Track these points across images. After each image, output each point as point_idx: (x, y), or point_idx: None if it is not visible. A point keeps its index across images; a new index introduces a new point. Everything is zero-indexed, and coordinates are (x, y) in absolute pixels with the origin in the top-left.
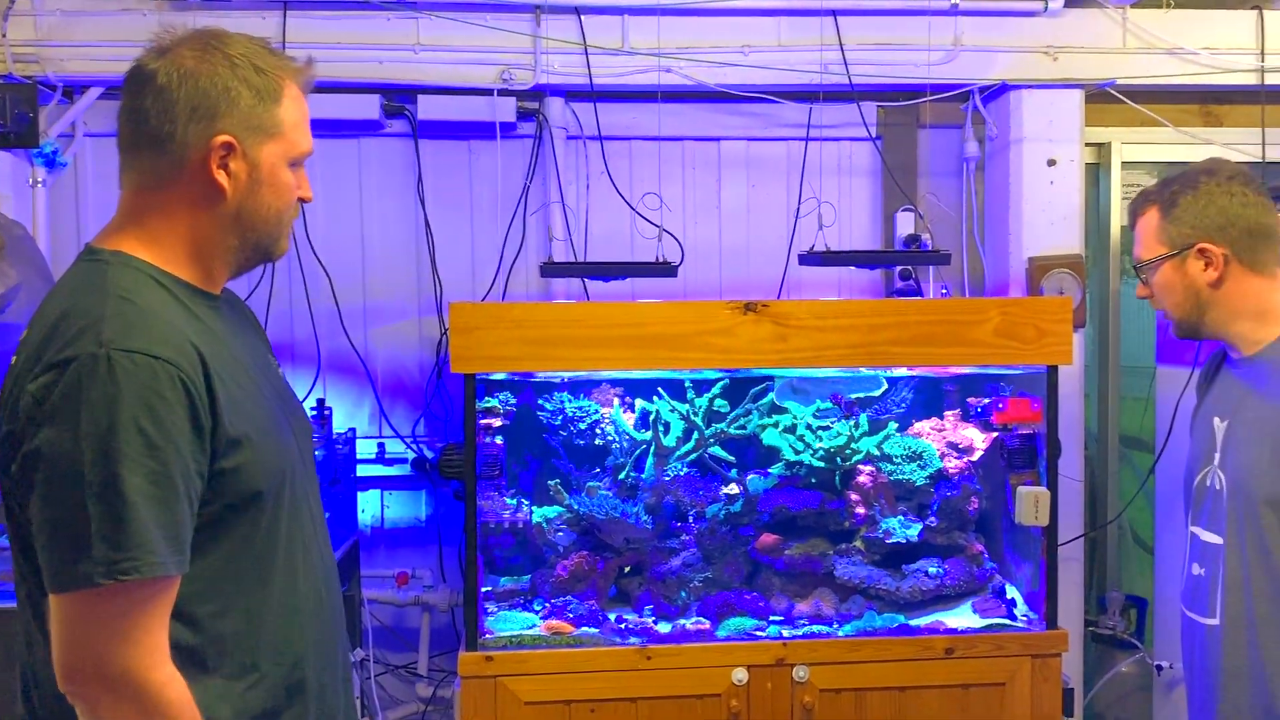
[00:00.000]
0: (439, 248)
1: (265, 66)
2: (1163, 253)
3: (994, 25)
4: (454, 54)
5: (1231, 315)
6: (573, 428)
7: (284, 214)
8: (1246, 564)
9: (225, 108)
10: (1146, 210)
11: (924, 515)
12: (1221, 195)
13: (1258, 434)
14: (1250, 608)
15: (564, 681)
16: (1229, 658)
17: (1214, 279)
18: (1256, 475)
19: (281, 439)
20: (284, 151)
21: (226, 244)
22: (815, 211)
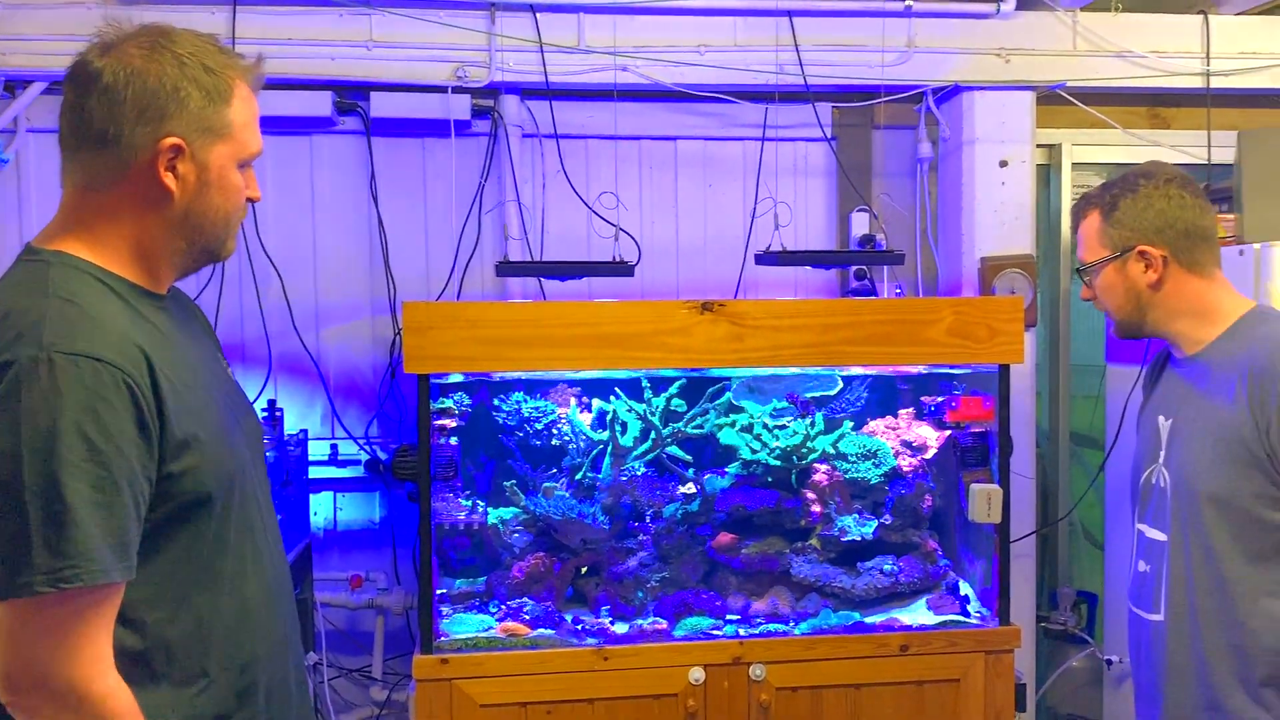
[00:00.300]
0: (392, 247)
1: (215, 66)
2: (1104, 255)
3: (947, 27)
4: (408, 50)
5: (1172, 315)
6: (529, 428)
7: (232, 216)
8: (1190, 561)
9: (174, 109)
10: (1088, 214)
11: (879, 513)
12: (1160, 198)
13: (1199, 432)
14: (1193, 604)
15: (520, 683)
16: (1173, 653)
17: (1154, 280)
18: (1199, 473)
19: (231, 440)
20: (233, 153)
21: (173, 246)
22: (772, 211)
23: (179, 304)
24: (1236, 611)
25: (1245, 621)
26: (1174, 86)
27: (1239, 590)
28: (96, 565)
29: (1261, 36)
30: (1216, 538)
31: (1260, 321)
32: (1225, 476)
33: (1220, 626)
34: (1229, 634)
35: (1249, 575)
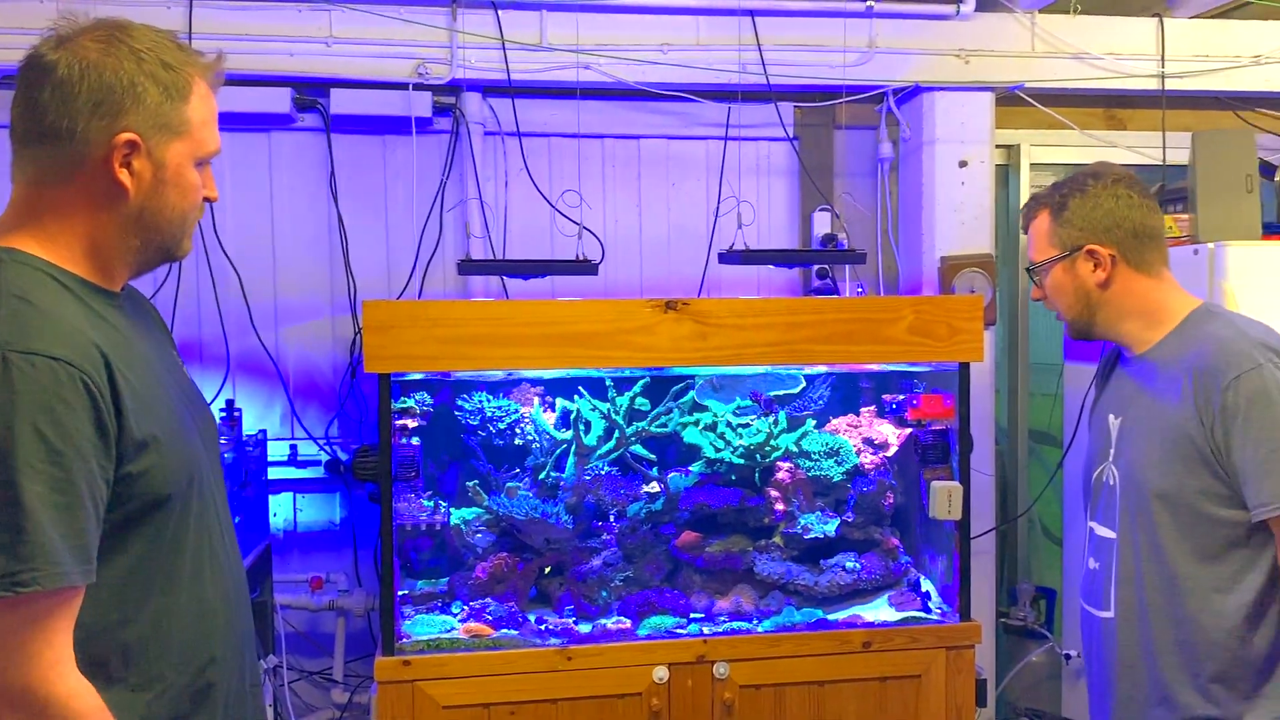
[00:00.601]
0: (353, 245)
1: (173, 62)
2: (1053, 255)
3: (908, 28)
4: (368, 47)
5: (1121, 315)
6: (492, 428)
7: (189, 215)
8: (1139, 558)
9: (130, 104)
10: (1038, 214)
11: (841, 511)
12: (1108, 198)
13: (1147, 430)
14: (1142, 600)
15: (483, 684)
16: (1124, 649)
17: (1102, 279)
18: (1146, 470)
19: (188, 440)
20: (191, 151)
21: (128, 244)
22: (735, 210)
23: (134, 302)
24: (1185, 608)
25: (1193, 617)
26: (1130, 88)
27: (1187, 586)
28: (56, 568)
29: (1214, 39)
30: (1165, 535)
31: (1205, 320)
32: (1173, 474)
33: (1169, 623)
34: (1177, 630)
35: (1196, 572)
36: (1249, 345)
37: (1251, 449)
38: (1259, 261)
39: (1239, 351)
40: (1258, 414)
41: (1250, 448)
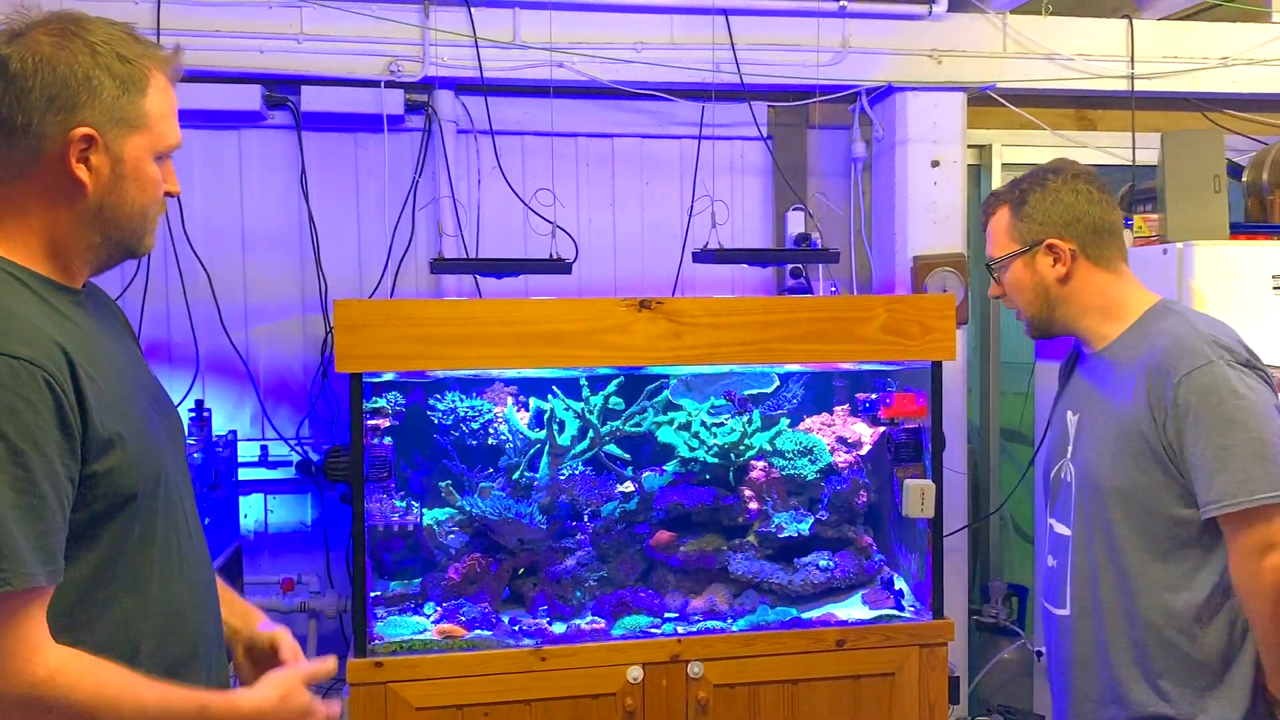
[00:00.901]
0: (324, 244)
1: (129, 55)
2: (1013, 250)
3: (880, 28)
4: (339, 44)
5: (1080, 311)
6: (465, 428)
7: (149, 210)
8: (1093, 555)
9: (86, 98)
10: (998, 209)
11: (815, 509)
12: (1068, 193)
13: (1103, 428)
14: (1097, 597)
15: (457, 686)
16: (1079, 647)
17: (1062, 274)
18: (1101, 467)
19: (154, 439)
20: (150, 145)
21: (87, 240)
22: (709, 210)
23: (96, 300)
24: (1137, 605)
25: (1145, 615)
26: (1100, 89)
27: (1139, 584)
28: (23, 569)
29: (1183, 41)
30: (1119, 532)
31: (1161, 317)
32: (1126, 471)
33: (1122, 620)
34: (1130, 628)
35: (1149, 570)
36: (1201, 342)
37: (1202, 446)
38: (1227, 261)
39: (1191, 348)
40: (1208, 411)
41: (1201, 444)
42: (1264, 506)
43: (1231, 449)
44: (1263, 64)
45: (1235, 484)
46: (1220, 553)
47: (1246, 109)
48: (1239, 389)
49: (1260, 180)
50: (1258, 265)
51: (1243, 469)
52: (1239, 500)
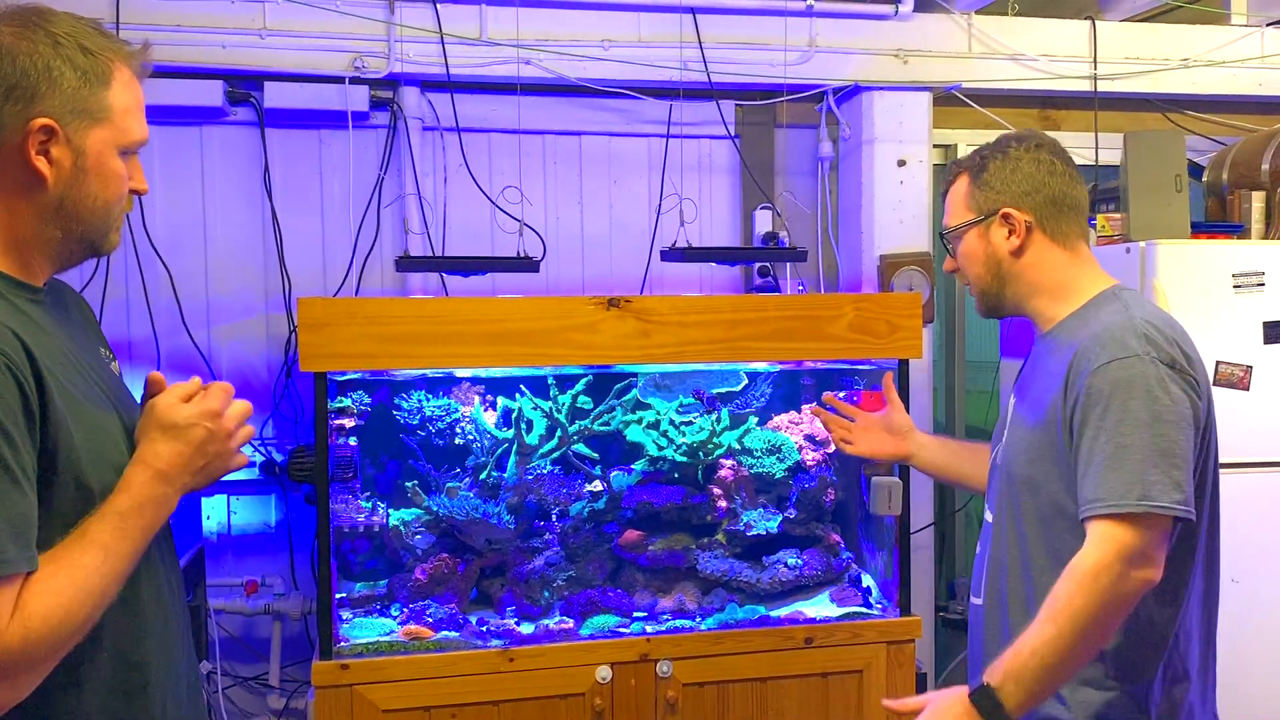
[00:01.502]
0: (287, 241)
1: (93, 47)
2: (968, 219)
3: (847, 28)
4: (303, 39)
5: (1031, 289)
6: (431, 427)
7: (113, 206)
8: (1005, 545)
9: (46, 88)
10: (958, 178)
11: (783, 507)
12: (1029, 162)
13: (1025, 416)
14: (1004, 589)
15: (424, 687)
16: (989, 640)
17: (1015, 247)
18: (1016, 457)
19: (115, 439)
20: (113, 139)
21: (48, 235)
22: (677, 208)
23: (58, 296)
24: (1037, 601)
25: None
26: (1064, 89)
27: (1041, 580)
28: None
29: (1144, 42)
30: (1027, 524)
31: (1106, 303)
32: (1039, 461)
33: (1024, 616)
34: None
35: (1048, 565)
36: (1131, 335)
37: (1102, 440)
38: (1189, 260)
39: (1118, 339)
40: (1117, 405)
41: (1101, 438)
42: (1150, 515)
43: (1132, 449)
44: (1222, 65)
45: (1126, 485)
46: None
47: (1206, 110)
48: (1155, 390)
49: (1220, 180)
50: (1219, 264)
51: (1140, 471)
52: (1125, 503)
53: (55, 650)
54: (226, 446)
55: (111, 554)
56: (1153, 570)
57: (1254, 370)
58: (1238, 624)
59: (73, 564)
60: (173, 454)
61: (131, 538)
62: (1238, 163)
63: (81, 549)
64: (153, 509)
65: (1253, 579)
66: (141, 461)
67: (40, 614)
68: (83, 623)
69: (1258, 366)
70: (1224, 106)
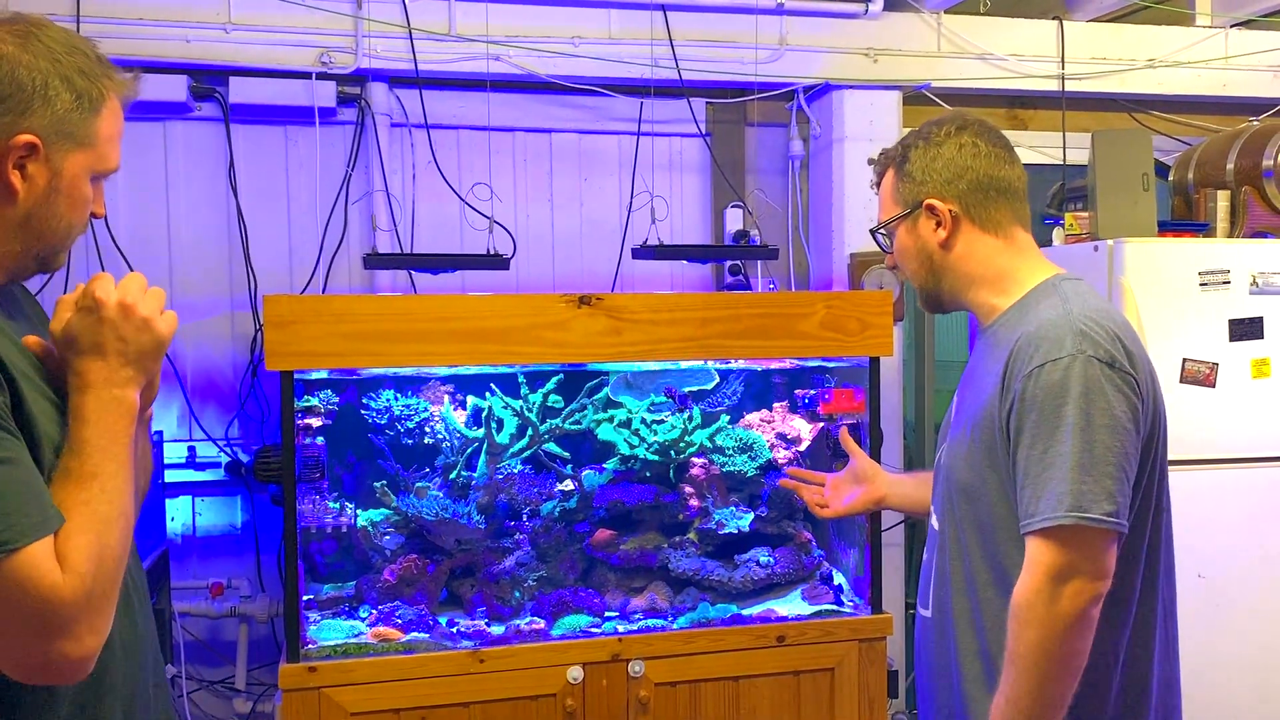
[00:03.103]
0: (253, 239)
1: (90, 71)
2: (896, 213)
3: (818, 26)
4: (269, 34)
5: (967, 282)
6: (400, 426)
7: (75, 228)
8: (948, 554)
9: (39, 105)
10: (885, 170)
11: (755, 505)
12: (951, 147)
13: (965, 415)
14: (949, 601)
15: (393, 689)
16: (938, 653)
17: (943, 239)
18: (954, 462)
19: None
20: (90, 164)
21: (7, 248)
22: (648, 205)
23: (11, 299)
24: (982, 615)
25: (988, 626)
26: (1031, 89)
27: (985, 595)
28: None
29: (1111, 42)
30: (968, 533)
31: (1045, 295)
32: (977, 466)
33: (969, 629)
34: (977, 637)
35: (991, 579)
36: (1067, 332)
37: (1035, 449)
38: (1156, 258)
39: (1053, 338)
40: (1050, 409)
41: (1037, 448)
42: (1078, 527)
43: (1062, 456)
44: (1187, 66)
45: (1057, 498)
46: None
47: (1171, 110)
48: (1090, 392)
49: (1186, 179)
50: (1185, 262)
51: (1069, 481)
52: (1055, 516)
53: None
54: (135, 317)
55: (105, 475)
56: (1096, 583)
57: (1219, 368)
58: (1203, 620)
59: (79, 502)
60: (90, 360)
61: (114, 453)
62: (1203, 162)
63: (76, 487)
64: (114, 418)
65: (1218, 576)
66: (75, 388)
67: (81, 557)
68: (118, 550)
69: (1223, 364)
70: (1189, 107)
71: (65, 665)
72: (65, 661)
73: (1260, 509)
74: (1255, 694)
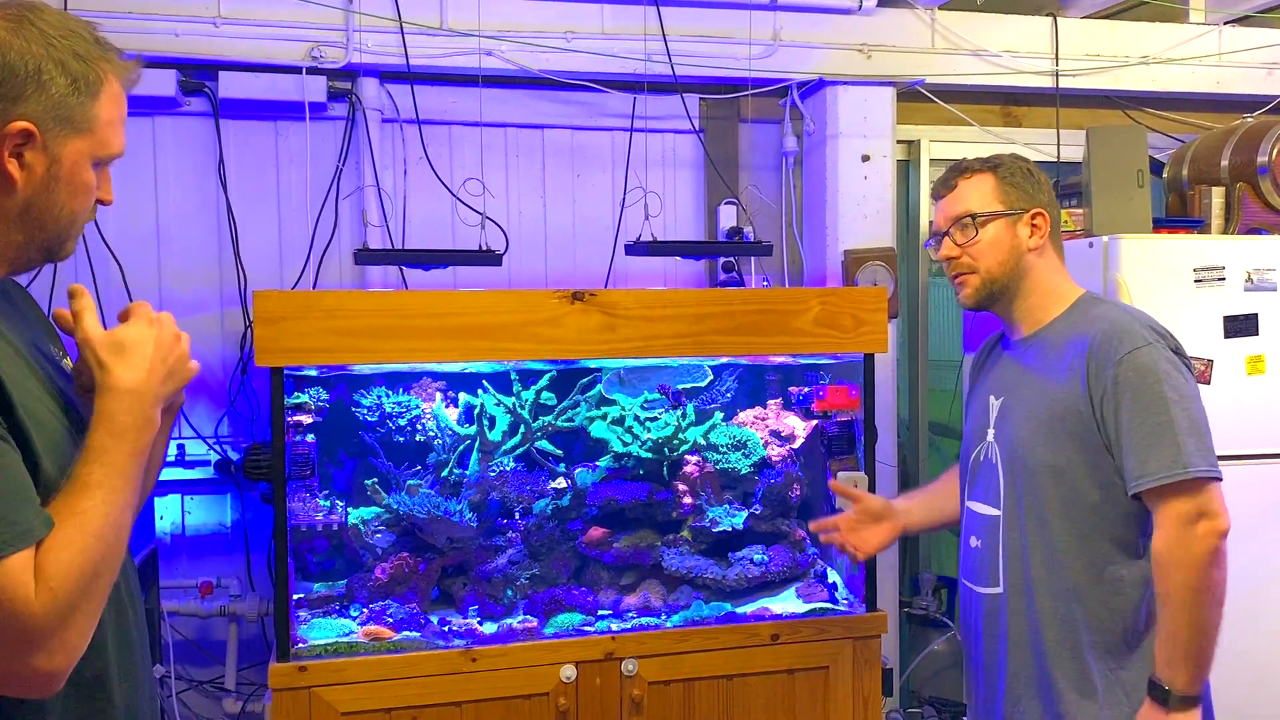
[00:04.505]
0: (243, 235)
1: (86, 54)
2: (999, 209)
3: (811, 21)
4: (259, 28)
5: (1031, 287)
6: (391, 424)
7: (79, 216)
8: (1024, 532)
9: (33, 90)
10: (976, 174)
11: (749, 503)
12: (1045, 180)
13: (1033, 408)
14: (1028, 575)
15: (384, 689)
16: (1012, 626)
17: (1038, 245)
18: (1034, 447)
19: (66, 440)
20: (90, 150)
21: (9, 239)
22: (641, 202)
23: (5, 295)
24: (1066, 581)
25: (1072, 591)
26: (1026, 86)
27: (1068, 560)
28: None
29: (1105, 39)
30: (1050, 510)
31: (1094, 304)
32: (1061, 449)
33: (1051, 596)
34: (1059, 604)
35: (1076, 546)
36: (1139, 326)
37: (1138, 422)
38: (1151, 254)
39: (1129, 330)
40: (1146, 389)
41: (1137, 420)
42: (1197, 479)
43: (1167, 425)
44: (1180, 63)
45: (1170, 458)
46: (1138, 535)
47: (1165, 108)
48: (1173, 371)
49: (1181, 176)
50: (1180, 258)
51: (1178, 444)
52: (1174, 473)
53: (87, 603)
54: (180, 348)
55: (109, 489)
56: (1217, 521)
57: (1214, 364)
58: None
59: (74, 511)
60: (134, 368)
61: (123, 467)
62: (1197, 159)
63: (79, 494)
64: (135, 432)
65: None
66: (108, 390)
67: (60, 572)
68: (102, 567)
69: (1218, 361)
70: (1182, 104)
71: (35, 679)
72: (35, 675)
73: (1255, 506)
74: (1249, 689)
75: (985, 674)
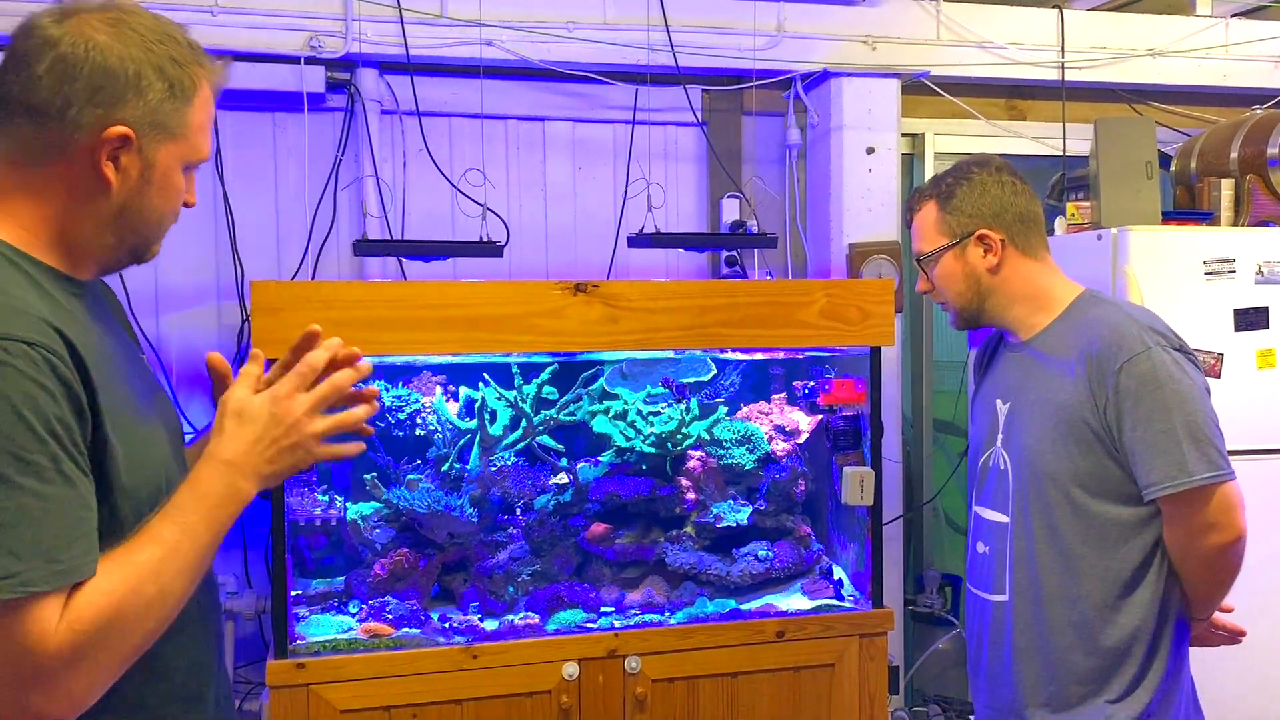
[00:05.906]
0: (240, 227)
1: (182, 59)
2: (944, 243)
3: (816, 12)
4: (256, 18)
5: (1010, 300)
6: (391, 418)
7: (166, 218)
8: (1033, 540)
9: (132, 96)
10: (923, 205)
11: (753, 499)
12: (994, 185)
13: (1040, 415)
14: (1038, 582)
15: (383, 686)
16: (1019, 633)
17: (993, 264)
18: (1043, 453)
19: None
20: (182, 154)
21: (101, 240)
22: (643, 193)
23: (94, 294)
24: (1077, 588)
25: (1085, 597)
26: (1031, 78)
27: (1080, 566)
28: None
29: (1112, 32)
30: (1061, 516)
31: (1092, 305)
32: (1068, 456)
33: (1062, 603)
34: (1070, 610)
35: (1086, 552)
36: (1139, 329)
37: (1142, 429)
38: (1160, 247)
39: (1129, 335)
40: (1148, 396)
41: (1141, 428)
42: (1202, 487)
43: (1169, 433)
44: (1187, 55)
45: (1174, 467)
46: (1149, 534)
47: (1171, 101)
48: (1175, 374)
49: (1189, 169)
50: (1190, 251)
51: (1180, 452)
52: (1178, 482)
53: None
54: (302, 435)
55: (173, 551)
56: (1225, 534)
57: (1224, 358)
58: None
59: (126, 561)
60: (241, 444)
61: (197, 534)
62: (1206, 151)
63: (139, 546)
64: (221, 504)
65: None
66: (211, 455)
67: (86, 616)
68: (134, 625)
69: (1228, 354)
70: (1189, 97)
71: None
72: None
73: (1267, 501)
74: (1258, 683)
75: (990, 681)
